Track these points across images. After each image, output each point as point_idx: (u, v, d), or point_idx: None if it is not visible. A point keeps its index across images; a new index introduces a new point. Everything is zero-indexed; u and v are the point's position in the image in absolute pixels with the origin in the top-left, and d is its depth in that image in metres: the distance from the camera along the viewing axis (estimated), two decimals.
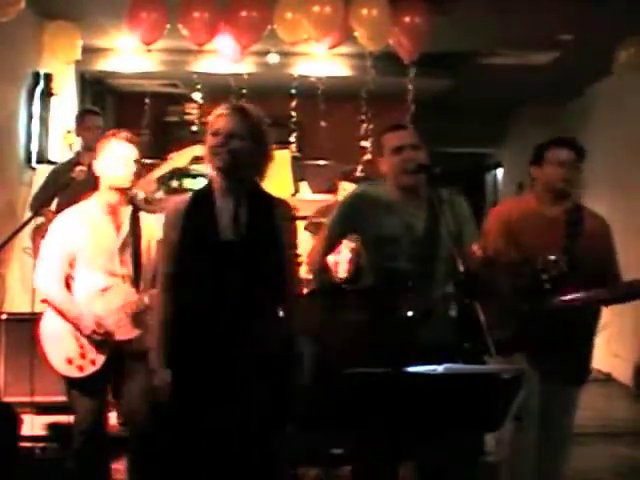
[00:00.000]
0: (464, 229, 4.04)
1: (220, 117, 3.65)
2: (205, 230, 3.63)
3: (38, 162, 7.98)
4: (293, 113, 8.95)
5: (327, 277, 4.25)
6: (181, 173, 8.21)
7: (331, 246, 4.22)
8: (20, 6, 6.36)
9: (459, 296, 3.84)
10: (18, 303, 7.12)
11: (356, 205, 4.16)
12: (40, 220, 6.28)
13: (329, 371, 3.46)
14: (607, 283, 4.36)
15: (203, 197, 3.69)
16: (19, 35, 7.34)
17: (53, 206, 6.09)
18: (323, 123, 9.05)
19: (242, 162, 3.62)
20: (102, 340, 4.41)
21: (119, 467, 4.91)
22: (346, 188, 6.72)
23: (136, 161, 4.51)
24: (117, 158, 4.46)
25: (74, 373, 4.46)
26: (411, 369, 2.96)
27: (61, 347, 4.47)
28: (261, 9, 7.11)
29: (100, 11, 7.57)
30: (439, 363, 2.97)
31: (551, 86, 10.06)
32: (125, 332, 4.44)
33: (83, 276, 4.47)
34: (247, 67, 8.50)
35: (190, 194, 3.75)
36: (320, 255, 4.22)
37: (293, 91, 8.73)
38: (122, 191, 4.52)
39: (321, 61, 8.72)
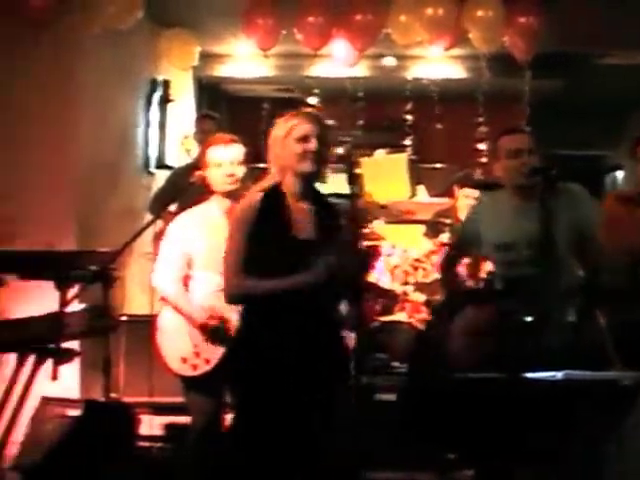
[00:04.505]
0: (583, 220, 3.95)
1: (301, 123, 3.70)
2: (280, 229, 3.68)
3: (156, 167, 8.12)
4: (408, 116, 8.91)
5: (457, 283, 4.35)
6: None
7: (461, 254, 4.53)
8: (138, 15, 6.52)
9: (579, 301, 3.77)
10: (137, 305, 7.25)
11: (478, 216, 4.25)
12: (160, 225, 6.37)
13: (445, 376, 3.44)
14: None
15: (275, 198, 3.73)
16: (136, 43, 7.48)
17: (172, 208, 6.17)
18: (439, 126, 8.99)
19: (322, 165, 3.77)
20: (218, 331, 4.44)
21: None
22: (467, 193, 6.62)
23: (240, 163, 4.55)
24: (214, 163, 4.54)
25: (188, 372, 4.51)
26: (529, 375, 2.92)
27: (176, 345, 4.54)
28: (376, 13, 7.10)
29: (216, 18, 7.66)
30: (558, 369, 2.92)
31: None
32: None
33: (200, 276, 4.54)
34: (361, 71, 8.49)
35: (260, 195, 3.74)
36: (451, 263, 4.43)
37: (408, 94, 8.69)
38: (232, 194, 4.56)
39: (436, 63, 8.66)
